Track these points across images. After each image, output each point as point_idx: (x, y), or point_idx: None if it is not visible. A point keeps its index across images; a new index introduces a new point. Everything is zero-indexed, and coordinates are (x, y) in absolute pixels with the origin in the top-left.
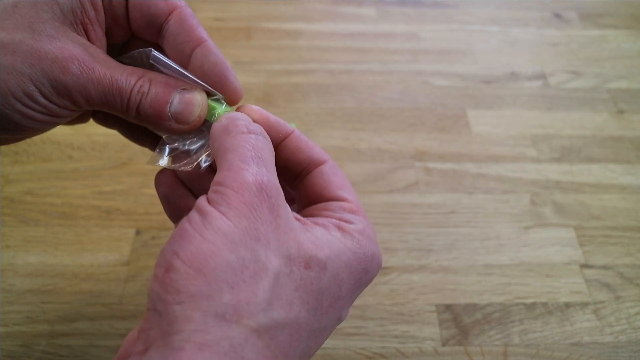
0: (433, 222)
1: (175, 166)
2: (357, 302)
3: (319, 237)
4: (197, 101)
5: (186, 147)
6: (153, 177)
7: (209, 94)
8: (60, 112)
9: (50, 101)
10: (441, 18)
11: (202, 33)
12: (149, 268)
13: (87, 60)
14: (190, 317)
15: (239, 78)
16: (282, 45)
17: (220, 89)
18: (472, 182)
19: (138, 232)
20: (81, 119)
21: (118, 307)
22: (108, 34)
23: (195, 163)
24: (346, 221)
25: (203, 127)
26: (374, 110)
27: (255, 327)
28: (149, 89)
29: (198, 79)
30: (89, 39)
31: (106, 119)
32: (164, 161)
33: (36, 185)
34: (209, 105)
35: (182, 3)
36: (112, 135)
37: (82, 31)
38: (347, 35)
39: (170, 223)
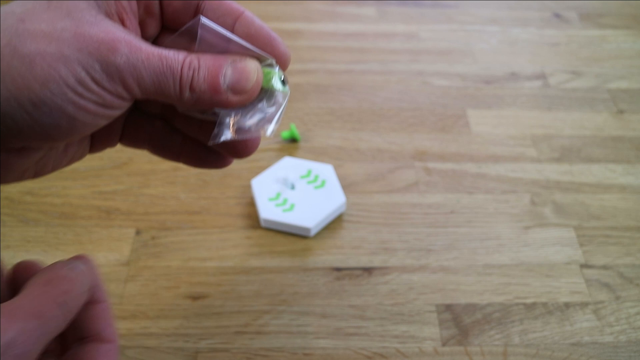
0: (433, 222)
1: (240, 137)
2: (357, 302)
3: None
4: (252, 67)
5: (248, 116)
6: (153, 177)
7: (260, 60)
8: (112, 101)
9: (103, 87)
10: (441, 18)
11: (238, 6)
12: (149, 268)
13: (133, 40)
14: None
15: None
16: None
17: (270, 52)
18: (472, 182)
19: (138, 232)
20: (108, 139)
21: (118, 307)
22: (140, 26)
23: (262, 130)
24: None
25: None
26: (374, 110)
27: None
28: (199, 63)
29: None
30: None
31: (136, 138)
32: (228, 135)
33: (36, 185)
34: (263, 71)
35: None
36: None
37: (118, 20)
38: (347, 35)
39: (170, 223)
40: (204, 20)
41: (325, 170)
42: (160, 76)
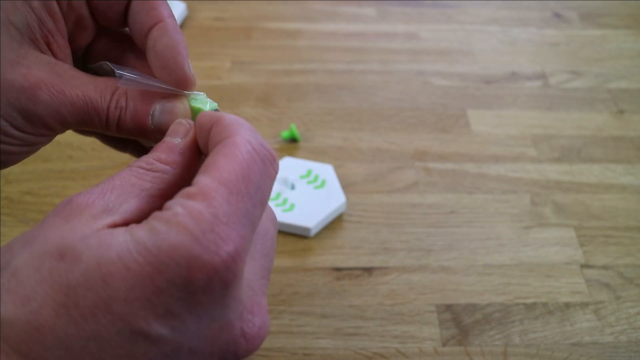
0: (433, 222)
1: None
2: (357, 302)
3: (101, 230)
4: (180, 109)
5: None
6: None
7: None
8: (36, 140)
9: (25, 132)
10: (441, 18)
11: (163, 11)
12: None
13: (55, 83)
14: None
15: (239, 78)
16: (282, 45)
17: (168, 75)
18: (472, 182)
19: None
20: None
21: None
22: (72, 38)
23: None
24: (164, 209)
25: None
26: (374, 110)
27: None
28: (126, 103)
29: (159, 70)
30: (52, 52)
31: (83, 129)
32: None
33: (36, 185)
34: (192, 109)
35: None
36: None
37: (44, 45)
38: (347, 35)
39: None
40: (118, 73)
41: (325, 170)
42: (86, 116)
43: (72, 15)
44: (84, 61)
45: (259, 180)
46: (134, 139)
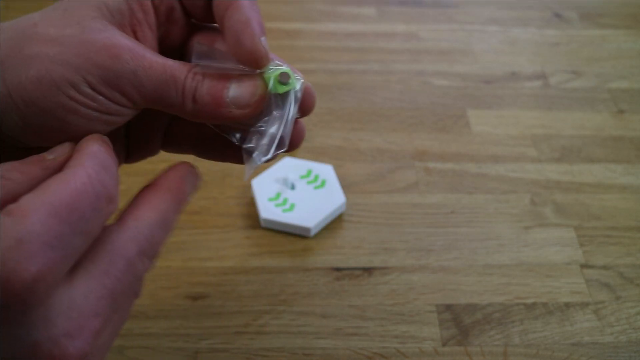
0: (433, 222)
1: (270, 156)
2: (357, 302)
3: None
4: (258, 83)
5: (263, 129)
6: (153, 177)
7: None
8: (109, 106)
9: (98, 92)
10: (441, 18)
11: None
12: None
13: (137, 48)
14: None
15: None
16: (282, 45)
17: (239, 49)
18: (472, 182)
19: None
20: (147, 147)
21: None
22: (165, 34)
23: (283, 141)
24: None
25: (269, 103)
26: (374, 110)
27: None
28: (203, 77)
29: (232, 46)
30: (137, 40)
31: (179, 143)
32: (259, 160)
33: None
34: (265, 78)
35: None
36: None
37: (131, 32)
38: (347, 35)
39: None
40: (196, 53)
41: (325, 171)
42: (163, 85)
43: (163, 7)
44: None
45: (85, 211)
46: (208, 121)
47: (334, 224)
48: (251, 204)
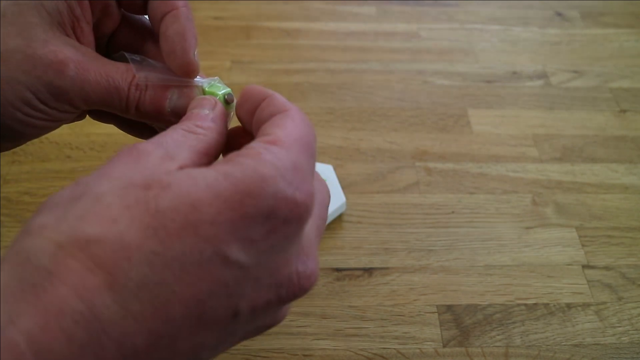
0: (434, 223)
1: None
2: (357, 302)
3: (184, 168)
4: (196, 94)
5: None
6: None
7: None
8: (59, 115)
9: (49, 106)
10: (442, 17)
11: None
12: None
13: (82, 61)
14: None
15: (239, 78)
16: (281, 44)
17: (174, 60)
18: (473, 182)
19: None
20: (78, 117)
21: None
22: (97, 25)
23: None
24: (245, 149)
25: None
26: (374, 110)
27: (56, 239)
28: (146, 87)
29: (166, 55)
30: (77, 39)
31: (102, 115)
32: None
33: (34, 186)
34: (205, 94)
35: None
36: (111, 135)
37: (70, 30)
38: (347, 34)
39: None
40: (132, 60)
41: (325, 170)
42: (107, 95)
43: (100, 3)
44: (107, 51)
45: (312, 145)
46: (150, 123)
47: (334, 224)
48: None
